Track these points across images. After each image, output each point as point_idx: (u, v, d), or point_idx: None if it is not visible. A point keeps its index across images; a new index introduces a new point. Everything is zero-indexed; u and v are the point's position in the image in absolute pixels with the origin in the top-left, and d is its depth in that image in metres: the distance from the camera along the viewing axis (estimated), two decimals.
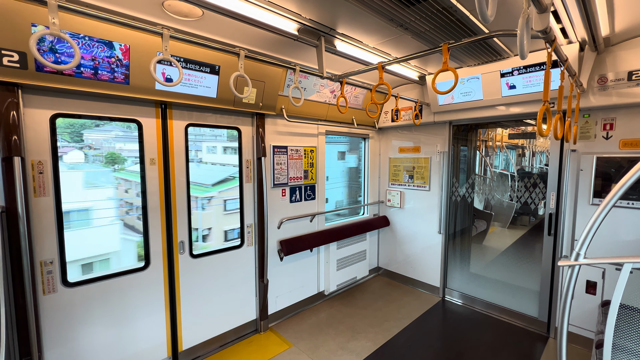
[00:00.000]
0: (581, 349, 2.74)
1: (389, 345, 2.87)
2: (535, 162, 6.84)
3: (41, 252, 1.95)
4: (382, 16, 1.94)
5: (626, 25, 2.15)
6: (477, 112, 3.20)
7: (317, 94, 3.23)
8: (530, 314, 3.16)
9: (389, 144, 4.29)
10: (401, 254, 4.24)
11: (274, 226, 3.17)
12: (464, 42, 1.68)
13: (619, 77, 2.39)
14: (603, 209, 1.14)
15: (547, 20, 1.20)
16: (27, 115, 1.87)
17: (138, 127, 2.31)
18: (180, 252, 2.55)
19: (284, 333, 3.06)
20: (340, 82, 2.37)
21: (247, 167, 2.94)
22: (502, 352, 2.76)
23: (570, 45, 2.34)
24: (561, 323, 1.23)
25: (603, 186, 2.60)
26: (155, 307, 2.43)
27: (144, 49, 2.00)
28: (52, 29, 1.26)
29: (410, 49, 2.55)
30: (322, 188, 3.61)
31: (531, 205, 3.21)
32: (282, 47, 2.45)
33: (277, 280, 3.25)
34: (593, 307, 2.69)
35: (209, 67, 2.35)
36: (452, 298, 3.77)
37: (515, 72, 2.73)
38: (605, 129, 2.59)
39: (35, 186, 1.91)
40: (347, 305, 3.61)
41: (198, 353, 2.71)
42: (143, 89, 2.13)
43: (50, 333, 2.00)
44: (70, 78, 1.86)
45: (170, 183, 2.47)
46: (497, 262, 4.08)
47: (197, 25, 2.06)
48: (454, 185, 3.78)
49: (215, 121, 2.72)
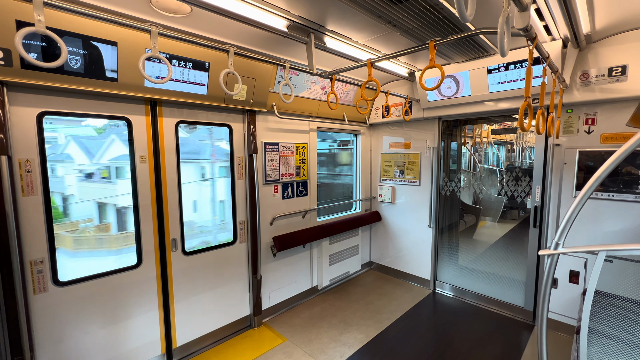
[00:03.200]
0: (565, 336, 2.85)
1: (381, 336, 2.93)
2: (525, 157, 6.99)
3: (31, 251, 1.94)
4: (371, 13, 1.97)
5: (606, 23, 2.22)
6: (465, 107, 3.26)
7: (308, 90, 3.24)
8: (517, 303, 3.26)
9: (379, 140, 4.33)
10: (393, 249, 4.31)
11: (266, 222, 3.19)
12: (450, 39, 1.71)
13: (600, 73, 2.47)
14: (580, 200, 1.20)
15: (528, 18, 1.24)
16: (13, 113, 1.84)
17: (127, 124, 2.29)
18: (173, 249, 2.55)
19: (277, 328, 3.10)
20: (330, 78, 2.39)
21: (238, 164, 2.95)
22: (490, 341, 2.85)
23: (553, 43, 2.41)
24: (542, 307, 1.29)
25: (585, 179, 2.69)
26: (148, 304, 2.44)
27: (132, 46, 1.98)
28: (38, 26, 1.25)
29: (400, 46, 2.58)
30: (314, 184, 3.64)
31: (518, 199, 3.29)
32: (272, 43, 2.46)
33: (271, 276, 3.28)
34: (576, 296, 2.79)
35: (199, 64, 2.34)
36: (442, 290, 3.86)
37: (502, 69, 2.79)
38: (588, 123, 2.68)
39: (23, 185, 1.90)
40: (340, 299, 3.66)
41: (192, 349, 2.73)
42: (132, 86, 2.12)
43: (42, 332, 2.00)
44: (57, 75, 1.84)
45: (161, 181, 2.47)
46: (486, 254, 4.18)
47: (186, 22, 2.05)
48: (443, 180, 3.85)
49: (206, 118, 2.72)
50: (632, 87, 2.34)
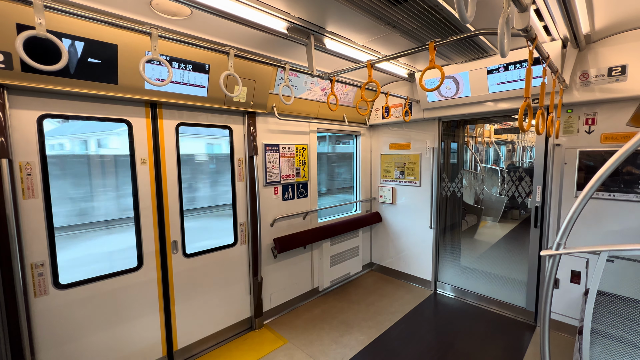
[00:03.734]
0: (567, 337, 2.84)
1: (382, 338, 2.92)
2: (525, 157, 6.98)
3: (31, 254, 1.94)
4: (371, 14, 1.97)
5: (605, 23, 2.23)
6: (465, 108, 3.26)
7: (308, 92, 3.24)
8: (519, 304, 3.25)
9: (380, 140, 4.34)
10: (393, 249, 4.30)
11: (267, 224, 3.19)
12: (450, 40, 1.71)
13: (600, 73, 2.47)
14: (581, 200, 1.20)
15: (528, 19, 1.24)
16: (13, 116, 1.85)
17: (128, 127, 2.29)
18: (174, 251, 2.55)
19: (278, 329, 3.09)
20: (330, 80, 2.39)
21: (239, 165, 2.95)
22: (492, 342, 2.84)
23: (553, 43, 2.41)
24: (544, 307, 1.29)
25: (586, 179, 2.68)
26: (149, 306, 2.44)
27: (132, 48, 1.99)
28: (39, 29, 1.25)
29: (399, 47, 2.58)
30: (314, 185, 3.63)
31: (518, 199, 3.29)
32: (272, 45, 2.46)
33: (271, 277, 3.27)
34: (578, 296, 2.78)
35: (199, 66, 2.34)
36: (443, 291, 3.85)
37: (502, 69, 2.80)
38: (588, 123, 2.68)
39: (24, 188, 1.90)
40: (341, 300, 3.65)
41: (193, 351, 2.72)
42: (132, 88, 2.12)
43: (43, 335, 1.99)
44: (57, 78, 1.84)
45: (162, 183, 2.47)
46: (488, 255, 4.17)
47: (186, 24, 2.05)
48: (444, 180, 3.85)
49: (207, 120, 2.72)
50: (631, 87, 2.34)
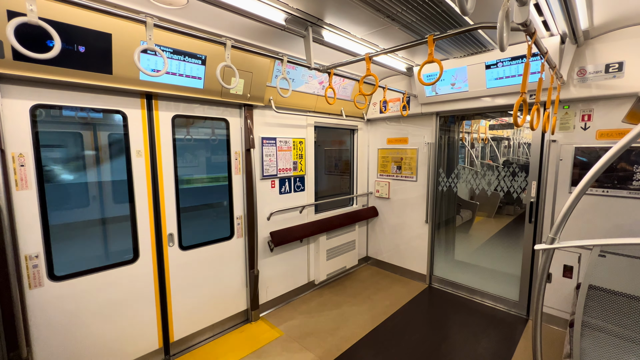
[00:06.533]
0: (558, 330, 2.90)
1: (377, 330, 2.96)
2: (521, 153, 7.02)
3: (26, 246, 1.92)
4: (370, 6, 1.95)
5: (604, 19, 2.23)
6: (463, 103, 3.26)
7: (306, 85, 3.22)
8: (512, 298, 3.30)
9: (377, 135, 4.33)
10: (389, 244, 4.33)
11: (263, 217, 3.19)
12: (449, 34, 1.70)
13: (597, 69, 2.48)
14: (575, 196, 1.21)
15: (527, 13, 1.24)
16: (5, 106, 1.81)
17: (123, 118, 2.27)
18: (170, 244, 2.54)
19: (274, 322, 3.11)
20: (328, 73, 2.37)
21: (235, 158, 2.93)
22: (485, 335, 2.89)
23: (552, 38, 2.41)
24: (537, 301, 1.31)
25: (581, 175, 2.71)
26: (145, 299, 2.44)
27: (127, 38, 1.95)
28: (30, 16, 1.22)
29: (398, 40, 2.56)
30: (311, 179, 3.63)
31: (514, 195, 3.31)
32: (270, 37, 2.43)
33: (268, 270, 3.29)
34: (570, 290, 2.83)
35: (195, 57, 2.31)
36: (438, 285, 3.90)
37: (500, 64, 2.79)
38: (584, 120, 2.69)
39: (17, 179, 1.87)
40: (337, 293, 3.69)
41: (189, 343, 2.74)
42: (127, 79, 2.09)
43: (38, 327, 1.99)
44: (50, 67, 1.80)
45: (157, 175, 2.45)
46: (482, 250, 4.22)
47: (182, 14, 2.02)
48: (440, 175, 3.86)
49: (203, 112, 2.69)
50: (628, 84, 2.36)
